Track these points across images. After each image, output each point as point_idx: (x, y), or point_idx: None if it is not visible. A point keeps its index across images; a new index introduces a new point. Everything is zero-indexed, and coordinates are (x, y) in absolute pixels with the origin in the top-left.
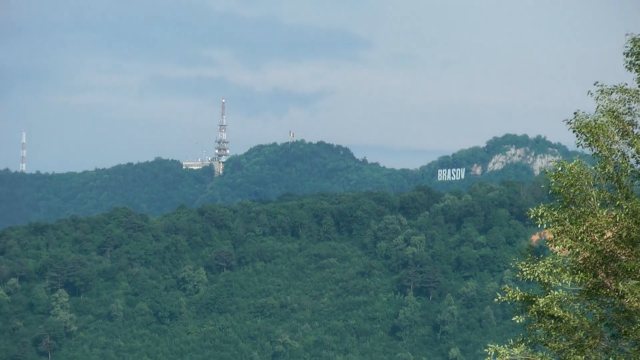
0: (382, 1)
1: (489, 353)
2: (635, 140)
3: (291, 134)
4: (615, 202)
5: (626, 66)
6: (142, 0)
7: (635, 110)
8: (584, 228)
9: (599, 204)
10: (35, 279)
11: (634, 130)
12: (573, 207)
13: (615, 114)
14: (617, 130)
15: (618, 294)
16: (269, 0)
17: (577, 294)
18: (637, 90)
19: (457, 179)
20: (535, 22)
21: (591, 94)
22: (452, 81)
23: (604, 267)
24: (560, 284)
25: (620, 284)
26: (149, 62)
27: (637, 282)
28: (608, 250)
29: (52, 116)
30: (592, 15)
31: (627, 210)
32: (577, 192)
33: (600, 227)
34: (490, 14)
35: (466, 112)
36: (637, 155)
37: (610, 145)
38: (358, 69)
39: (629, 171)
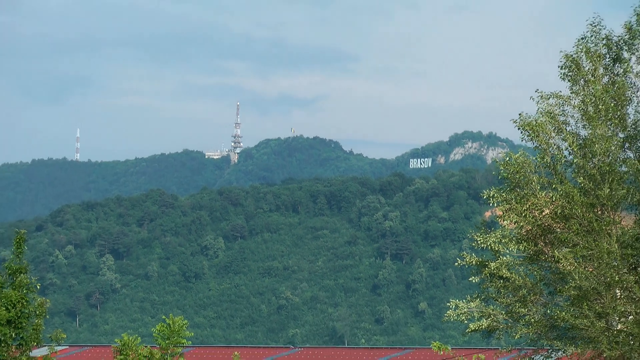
0: (367, 25)
1: (451, 306)
2: (568, 136)
3: (292, 130)
4: (552, 186)
5: (560, 77)
6: (175, 22)
7: (568, 112)
8: (527, 206)
9: (538, 187)
10: (87, 246)
11: (567, 128)
12: (518, 190)
13: (552, 115)
14: (553, 128)
15: (554, 259)
16: (277, 24)
17: (521, 259)
18: (570, 96)
19: (425, 167)
20: (489, 40)
21: (533, 98)
22: (421, 87)
23: (542, 238)
24: (507, 251)
25: (555, 251)
26: (179, 71)
27: (569, 250)
28: (546, 224)
29: (101, 115)
30: (534, 34)
31: (561, 192)
32: (521, 177)
33: (539, 206)
34: (451, 35)
35: (433, 113)
36: (569, 148)
37: (548, 140)
38: (347, 78)
39: (562, 161)
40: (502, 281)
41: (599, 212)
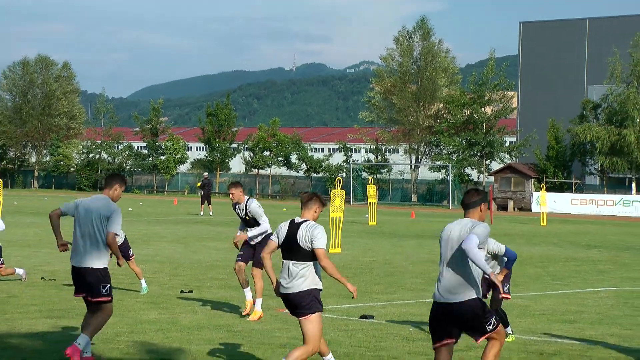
0: (339, 20)
1: (360, 114)
2: (395, 62)
3: (310, 61)
4: (391, 77)
5: (394, 43)
6: (276, 20)
7: (396, 54)
8: (383, 83)
9: (386, 77)
10: (249, 96)
11: (395, 58)
12: (379, 77)
13: (391, 55)
14: (392, 59)
15: (392, 100)
16: (293, 19)
17: (382, 101)
18: (395, 49)
19: (353, 71)
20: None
21: (385, 49)
22: (354, 44)
23: (388, 93)
24: (377, 97)
25: (392, 97)
26: (284, 42)
27: (396, 95)
28: (389, 88)
29: (259, 56)
30: (391, 26)
31: (393, 79)
32: (382, 74)
33: (387, 83)
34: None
35: (358, 53)
36: (396, 65)
37: (389, 62)
38: (327, 44)
39: (394, 69)
40: (376, 106)
41: (406, 85)
